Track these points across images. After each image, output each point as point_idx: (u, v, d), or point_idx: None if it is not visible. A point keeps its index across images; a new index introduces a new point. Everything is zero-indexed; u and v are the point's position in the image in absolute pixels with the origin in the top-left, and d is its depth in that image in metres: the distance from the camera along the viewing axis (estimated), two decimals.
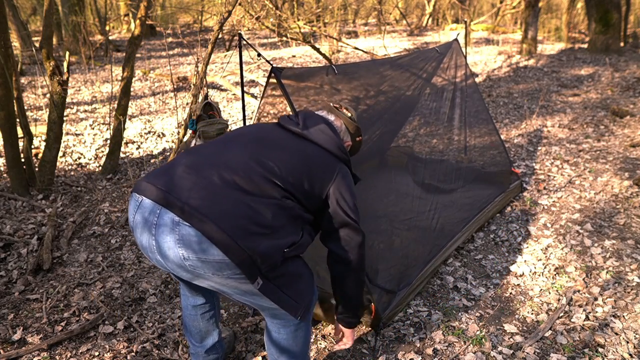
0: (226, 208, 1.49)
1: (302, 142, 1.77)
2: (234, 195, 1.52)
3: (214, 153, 1.65)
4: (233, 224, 1.47)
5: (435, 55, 3.67)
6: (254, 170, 1.60)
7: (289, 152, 1.71)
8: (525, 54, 10.89)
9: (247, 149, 1.67)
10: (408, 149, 4.03)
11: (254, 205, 1.53)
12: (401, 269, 2.68)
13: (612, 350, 2.30)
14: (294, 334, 1.81)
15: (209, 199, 1.49)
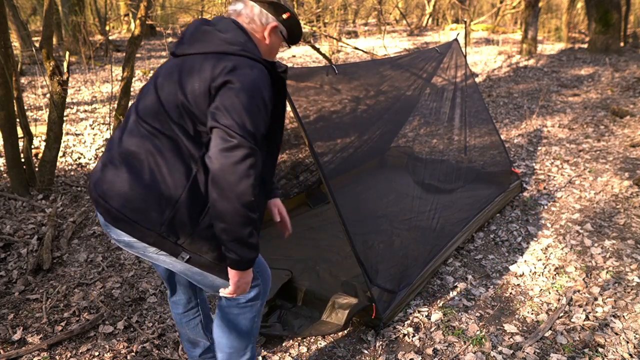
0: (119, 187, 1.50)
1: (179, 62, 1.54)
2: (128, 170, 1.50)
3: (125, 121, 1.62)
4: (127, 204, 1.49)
5: (435, 55, 3.67)
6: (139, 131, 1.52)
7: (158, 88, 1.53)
8: (525, 54, 10.89)
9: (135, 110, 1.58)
10: (408, 149, 4.03)
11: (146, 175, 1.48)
12: (401, 269, 2.68)
13: (612, 350, 2.30)
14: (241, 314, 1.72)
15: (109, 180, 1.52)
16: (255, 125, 1.42)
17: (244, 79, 1.44)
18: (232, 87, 1.43)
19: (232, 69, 1.44)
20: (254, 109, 1.43)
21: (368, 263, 2.48)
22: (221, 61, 1.45)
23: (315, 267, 2.94)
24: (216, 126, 1.41)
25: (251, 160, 1.40)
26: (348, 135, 3.36)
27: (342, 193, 2.56)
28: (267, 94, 1.48)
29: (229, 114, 1.40)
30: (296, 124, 3.39)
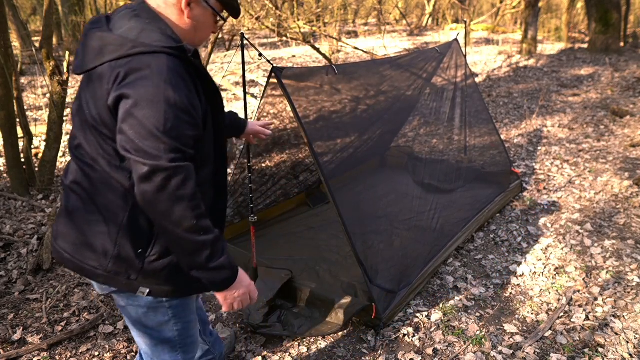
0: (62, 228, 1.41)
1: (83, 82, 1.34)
2: (68, 208, 1.39)
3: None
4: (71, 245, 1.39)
5: (435, 55, 3.67)
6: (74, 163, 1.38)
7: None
8: (525, 54, 10.89)
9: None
10: (408, 149, 4.04)
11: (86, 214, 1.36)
12: (401, 269, 2.68)
13: (612, 350, 2.30)
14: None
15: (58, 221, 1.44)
16: (171, 136, 1.18)
17: (139, 86, 1.18)
18: (127, 101, 1.18)
19: (124, 77, 1.19)
20: (161, 117, 1.17)
21: (368, 263, 2.48)
22: (114, 70, 1.21)
23: (315, 267, 2.94)
24: (124, 154, 1.20)
25: (177, 181, 1.19)
26: (348, 135, 3.36)
27: (342, 193, 2.56)
28: (180, 90, 1.21)
29: (131, 136, 1.18)
30: (296, 124, 3.39)
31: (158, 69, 1.19)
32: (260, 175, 3.40)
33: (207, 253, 1.27)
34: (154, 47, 1.21)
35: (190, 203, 1.22)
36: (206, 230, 1.26)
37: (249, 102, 6.82)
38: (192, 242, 1.25)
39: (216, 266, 1.29)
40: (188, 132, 1.23)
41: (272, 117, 3.28)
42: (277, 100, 3.11)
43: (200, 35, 1.40)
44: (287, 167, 3.63)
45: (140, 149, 1.17)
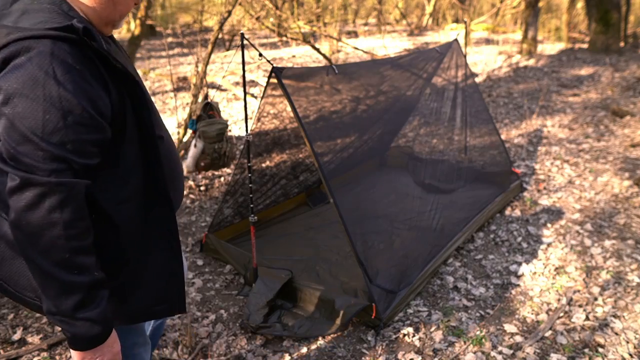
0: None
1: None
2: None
3: None
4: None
5: (435, 55, 3.67)
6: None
7: None
8: (525, 54, 10.89)
9: None
10: (408, 149, 4.04)
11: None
12: (401, 269, 2.68)
13: (612, 350, 2.30)
14: None
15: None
16: (53, 142, 0.96)
17: (12, 79, 0.95)
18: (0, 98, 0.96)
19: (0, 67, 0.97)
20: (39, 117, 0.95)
21: (368, 263, 2.48)
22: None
23: (315, 267, 2.94)
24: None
25: (52, 201, 0.96)
26: (348, 135, 3.36)
27: (342, 193, 2.56)
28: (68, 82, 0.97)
29: (3, 140, 0.97)
30: (296, 124, 3.39)
31: (38, 57, 0.95)
32: (260, 175, 3.40)
33: (77, 299, 1.02)
34: (33, 31, 0.97)
35: (65, 231, 0.98)
36: (82, 269, 1.02)
37: (249, 102, 6.82)
38: (60, 281, 1.00)
39: (85, 318, 1.03)
40: (82, 136, 0.99)
41: (272, 117, 3.28)
42: (277, 100, 3.11)
43: (122, 8, 1.14)
44: (287, 167, 3.63)
45: (12, 156, 0.96)
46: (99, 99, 1.03)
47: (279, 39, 12.64)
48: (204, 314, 2.65)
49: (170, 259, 1.25)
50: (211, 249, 3.16)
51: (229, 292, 2.85)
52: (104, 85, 1.05)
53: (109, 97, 1.05)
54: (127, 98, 1.11)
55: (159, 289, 1.25)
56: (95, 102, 1.02)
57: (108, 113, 1.05)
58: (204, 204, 3.98)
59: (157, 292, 1.25)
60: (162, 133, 1.27)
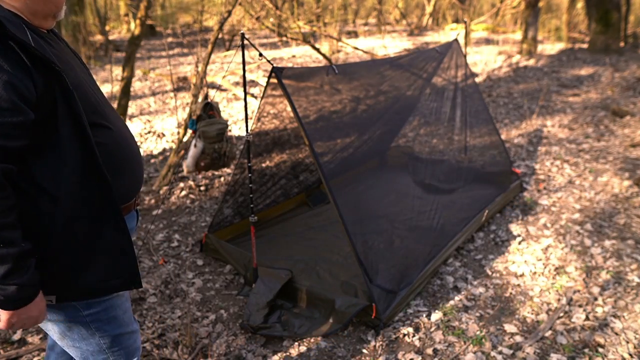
0: None
1: None
2: None
3: None
4: None
5: (435, 55, 3.67)
6: None
7: None
8: (525, 54, 10.89)
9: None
10: (408, 149, 4.03)
11: None
12: (401, 269, 2.68)
13: (612, 350, 2.30)
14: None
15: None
16: None
17: None
18: None
19: None
20: None
21: (368, 263, 2.48)
22: None
23: (315, 267, 2.94)
24: None
25: None
26: (348, 135, 3.36)
27: (342, 193, 2.56)
28: None
29: None
30: (296, 124, 3.39)
31: None
32: (260, 175, 3.40)
33: (7, 268, 1.13)
34: None
35: None
36: (8, 243, 1.13)
37: (249, 102, 6.81)
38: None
39: (15, 283, 1.16)
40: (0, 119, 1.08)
41: (272, 117, 3.28)
42: (277, 100, 3.11)
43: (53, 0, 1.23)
44: (287, 167, 3.63)
45: None
46: (19, 83, 1.10)
47: (279, 39, 12.64)
48: (204, 314, 2.65)
49: (118, 237, 1.34)
50: (211, 249, 3.16)
51: (229, 292, 2.85)
52: (26, 71, 1.12)
53: (32, 82, 1.13)
54: (56, 85, 1.17)
55: (111, 265, 1.35)
56: (14, 87, 1.09)
57: (31, 97, 1.13)
58: (204, 204, 3.98)
59: (109, 267, 1.34)
60: (108, 123, 1.35)
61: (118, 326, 1.46)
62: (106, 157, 1.30)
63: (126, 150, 1.41)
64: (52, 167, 1.21)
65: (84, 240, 1.29)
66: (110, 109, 1.41)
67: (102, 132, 1.31)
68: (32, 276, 1.19)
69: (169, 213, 3.84)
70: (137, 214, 1.58)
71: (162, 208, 3.91)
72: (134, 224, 1.54)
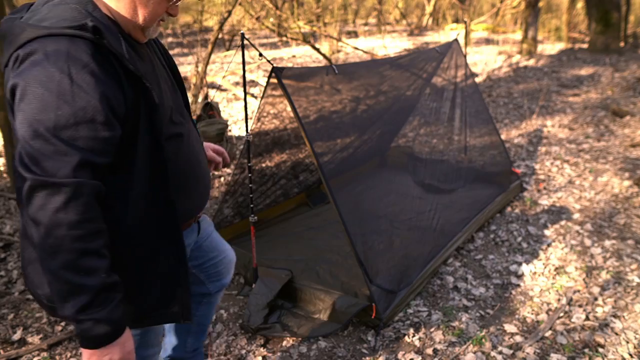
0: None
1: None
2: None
3: None
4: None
5: (435, 55, 3.67)
6: None
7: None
8: (525, 54, 10.89)
9: None
10: (408, 149, 4.03)
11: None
12: (401, 269, 2.68)
13: (612, 350, 2.30)
14: None
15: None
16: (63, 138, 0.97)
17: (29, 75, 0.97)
18: (17, 94, 0.99)
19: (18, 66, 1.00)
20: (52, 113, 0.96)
21: (368, 263, 2.48)
22: (10, 60, 1.03)
23: (315, 267, 2.94)
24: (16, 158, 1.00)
25: (59, 200, 0.96)
26: (348, 135, 3.36)
27: (342, 193, 2.56)
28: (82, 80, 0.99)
29: (20, 135, 0.99)
30: (296, 124, 3.39)
31: (54, 54, 0.97)
32: (260, 175, 3.40)
33: (84, 301, 1.01)
34: (51, 29, 0.99)
35: (72, 231, 0.97)
36: (89, 271, 1.01)
37: (249, 102, 6.80)
38: (66, 283, 1.00)
39: (92, 318, 1.02)
40: (93, 133, 1.00)
41: (272, 117, 3.28)
42: (277, 100, 3.11)
43: (144, 15, 1.13)
44: (287, 167, 3.63)
45: (26, 151, 0.97)
46: (112, 97, 1.03)
47: (279, 39, 12.63)
48: None
49: (175, 266, 1.25)
50: None
51: (229, 292, 2.85)
52: (119, 84, 1.05)
53: (123, 96, 1.06)
54: (142, 100, 1.11)
55: (164, 295, 1.25)
56: (109, 100, 1.02)
57: (121, 112, 1.06)
58: None
59: (163, 297, 1.25)
60: (181, 129, 1.26)
61: (146, 349, 1.43)
62: (175, 175, 1.22)
63: (196, 169, 1.33)
64: (120, 187, 1.12)
65: (140, 267, 1.20)
66: (182, 107, 1.32)
67: (174, 145, 1.23)
68: (113, 312, 1.05)
69: None
70: (198, 226, 1.48)
71: None
72: (193, 239, 1.44)
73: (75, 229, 0.98)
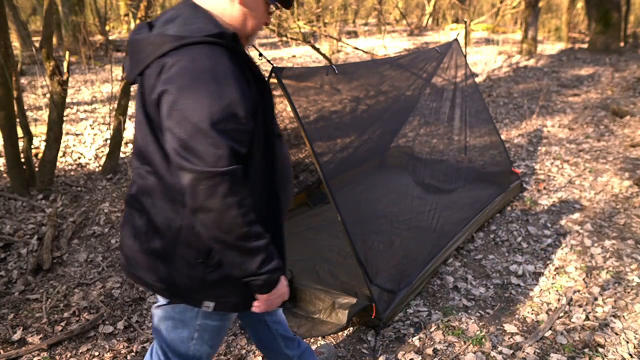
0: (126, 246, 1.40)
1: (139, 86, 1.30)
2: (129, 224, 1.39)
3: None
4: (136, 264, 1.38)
5: (435, 55, 3.67)
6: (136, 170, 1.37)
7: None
8: (525, 54, 10.89)
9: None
10: (408, 149, 4.03)
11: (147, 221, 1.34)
12: (401, 269, 2.68)
13: (612, 350, 2.30)
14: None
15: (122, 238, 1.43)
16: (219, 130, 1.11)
17: (181, 78, 1.13)
18: (169, 96, 1.13)
19: (166, 71, 1.15)
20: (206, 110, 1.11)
21: (368, 263, 2.48)
22: (156, 66, 1.18)
23: (315, 267, 2.94)
24: (170, 154, 1.15)
25: (225, 186, 1.12)
26: (348, 135, 3.36)
27: (342, 193, 2.56)
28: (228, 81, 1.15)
29: (176, 133, 1.12)
30: (296, 124, 3.39)
31: (200, 60, 1.13)
32: None
33: (260, 259, 1.23)
34: (194, 38, 1.15)
35: (239, 210, 1.15)
36: (258, 236, 1.22)
37: None
38: (244, 250, 1.20)
39: (269, 270, 1.26)
40: (238, 127, 1.16)
41: None
42: (277, 100, 3.11)
43: (251, 25, 1.31)
44: None
45: (186, 146, 1.11)
46: (247, 94, 1.20)
47: (279, 39, 12.63)
48: None
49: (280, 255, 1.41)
50: None
51: None
52: (247, 83, 1.22)
53: (251, 95, 1.22)
54: (261, 99, 1.27)
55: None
56: (245, 96, 1.18)
57: (251, 108, 1.22)
58: None
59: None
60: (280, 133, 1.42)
61: (211, 346, 1.50)
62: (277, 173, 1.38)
63: (288, 169, 1.46)
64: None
65: None
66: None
67: (277, 144, 1.38)
68: (278, 260, 1.29)
69: None
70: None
71: None
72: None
73: (241, 207, 1.16)
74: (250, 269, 1.23)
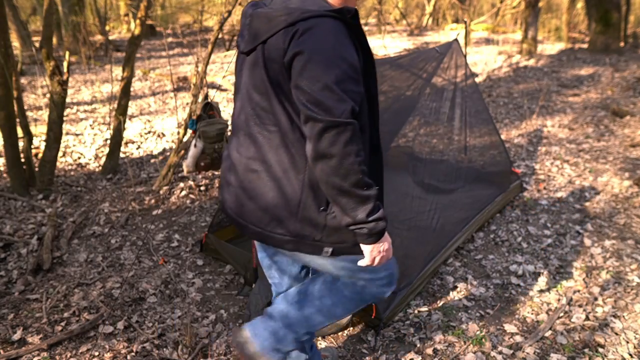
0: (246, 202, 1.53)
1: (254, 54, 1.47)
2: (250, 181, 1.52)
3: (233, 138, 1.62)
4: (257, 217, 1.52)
5: (435, 55, 3.66)
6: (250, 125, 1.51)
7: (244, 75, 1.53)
8: (525, 54, 10.89)
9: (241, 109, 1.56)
10: (408, 149, 4.03)
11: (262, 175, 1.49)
12: (401, 269, 2.67)
13: (612, 350, 2.30)
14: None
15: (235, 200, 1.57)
16: (343, 89, 1.30)
17: (313, 42, 1.32)
18: (302, 57, 1.31)
19: (299, 36, 1.32)
20: (333, 71, 1.30)
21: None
22: (287, 33, 1.35)
23: None
24: (300, 108, 1.33)
25: (346, 136, 1.29)
26: None
27: None
28: (347, 49, 1.34)
29: (307, 89, 1.30)
30: None
31: (328, 28, 1.32)
32: None
33: (370, 207, 1.36)
34: (319, 12, 1.34)
35: (357, 158, 1.31)
36: (369, 185, 1.36)
37: None
38: (357, 196, 1.34)
39: (376, 218, 1.38)
40: (354, 88, 1.34)
41: None
42: None
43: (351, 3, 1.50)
44: None
45: (316, 100, 1.29)
46: (359, 61, 1.39)
47: None
48: (204, 314, 2.65)
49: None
50: (211, 249, 3.16)
51: (229, 292, 2.85)
52: (358, 53, 1.40)
53: (360, 63, 1.40)
54: (366, 67, 1.45)
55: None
56: (358, 63, 1.37)
57: (361, 74, 1.40)
58: (204, 204, 3.98)
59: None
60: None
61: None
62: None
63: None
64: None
65: None
66: None
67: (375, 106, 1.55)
68: (384, 212, 1.42)
69: (169, 213, 3.84)
70: None
71: (162, 208, 3.91)
72: None
73: (358, 156, 1.32)
74: (359, 217, 1.36)
